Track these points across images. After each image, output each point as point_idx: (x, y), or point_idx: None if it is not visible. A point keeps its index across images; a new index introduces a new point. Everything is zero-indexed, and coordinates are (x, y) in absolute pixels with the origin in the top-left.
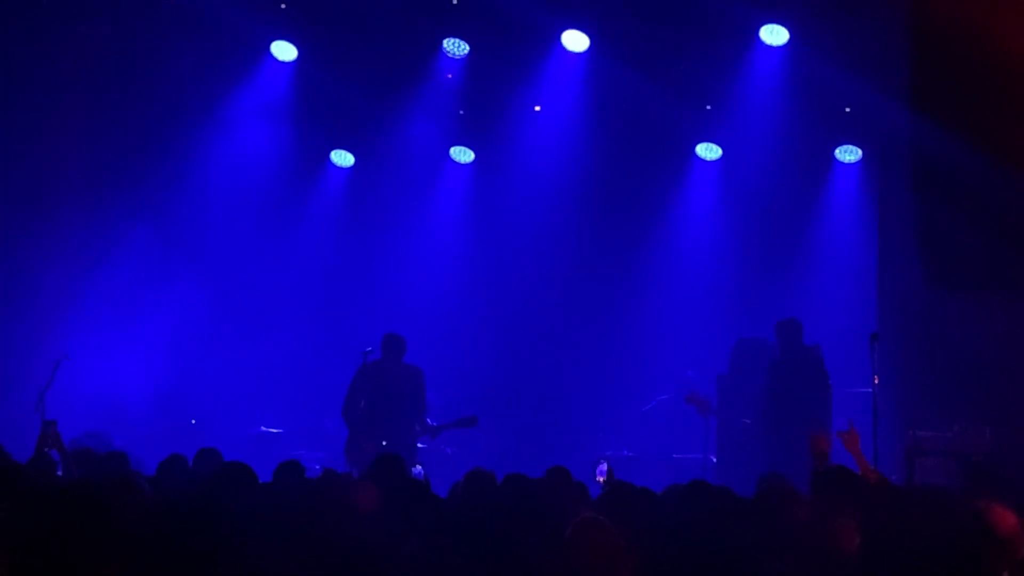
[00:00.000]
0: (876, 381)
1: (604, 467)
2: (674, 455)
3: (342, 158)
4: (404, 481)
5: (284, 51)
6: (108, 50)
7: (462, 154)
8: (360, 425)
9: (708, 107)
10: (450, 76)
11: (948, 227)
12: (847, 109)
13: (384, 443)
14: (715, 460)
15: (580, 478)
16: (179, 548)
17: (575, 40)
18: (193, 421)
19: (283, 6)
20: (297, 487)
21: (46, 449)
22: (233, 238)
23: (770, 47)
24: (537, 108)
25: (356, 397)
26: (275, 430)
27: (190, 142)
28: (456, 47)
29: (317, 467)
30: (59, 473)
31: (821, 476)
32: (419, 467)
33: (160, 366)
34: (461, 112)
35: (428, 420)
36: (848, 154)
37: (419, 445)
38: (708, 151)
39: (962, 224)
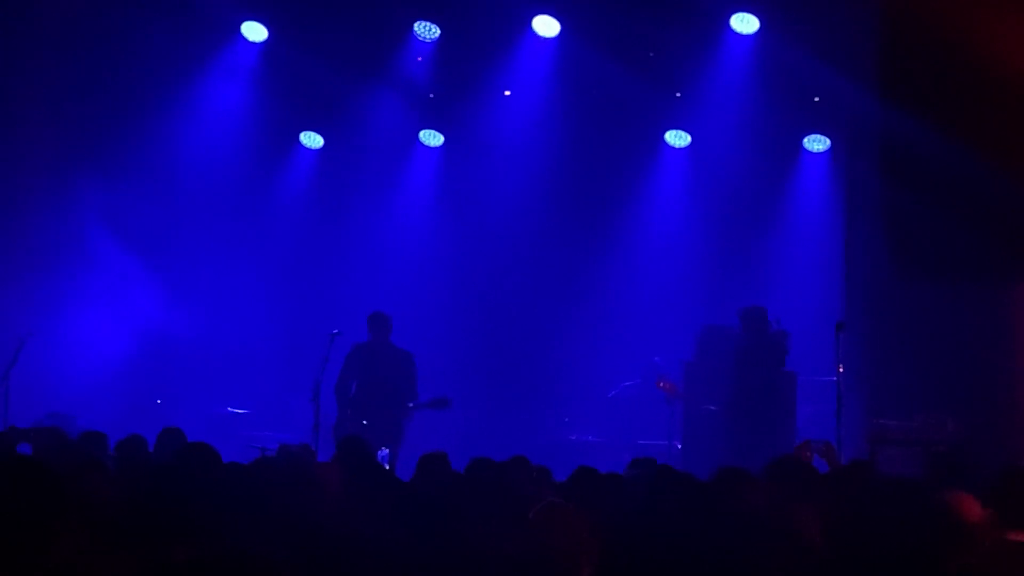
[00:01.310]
0: (841, 370)
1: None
2: (639, 441)
3: (311, 140)
4: (367, 464)
5: (255, 32)
6: (77, 28)
7: (431, 137)
8: (350, 406)
9: (678, 94)
10: (420, 59)
11: (915, 217)
12: (816, 99)
13: (364, 422)
14: (680, 447)
15: (544, 463)
16: (140, 528)
17: (546, 25)
18: (159, 401)
19: None
20: (260, 468)
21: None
22: (202, 218)
23: (741, 35)
24: (507, 93)
25: (348, 378)
26: (241, 411)
27: (159, 122)
28: (427, 30)
29: None
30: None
31: (776, 465)
32: (384, 450)
33: (127, 345)
34: (431, 95)
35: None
36: (816, 143)
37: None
38: (678, 138)
39: (929, 214)
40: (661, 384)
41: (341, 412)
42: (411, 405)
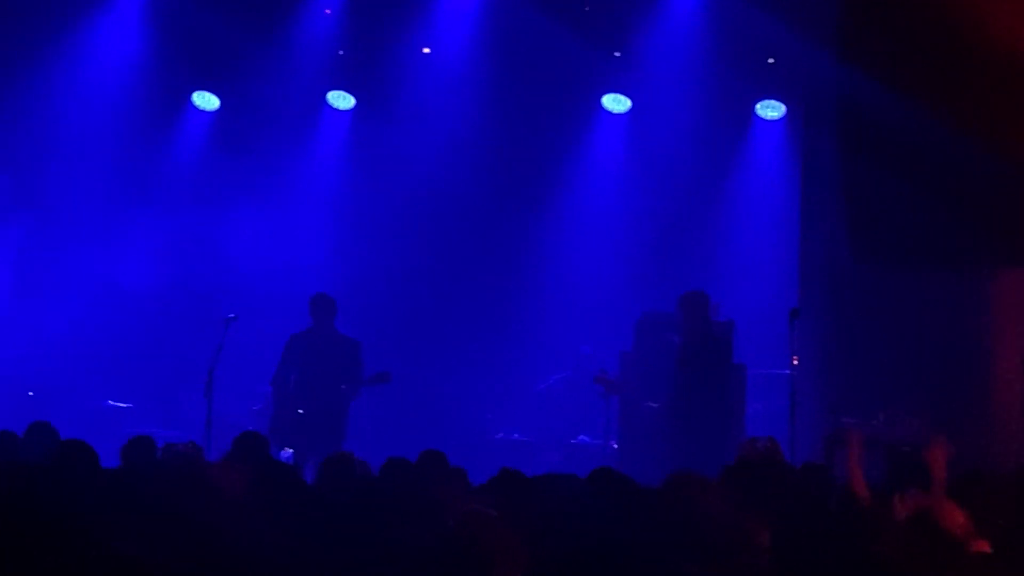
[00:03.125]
0: (795, 362)
1: None
2: (571, 440)
3: (205, 100)
4: (266, 464)
5: None
6: None
7: (341, 99)
8: (288, 401)
9: (617, 54)
10: (328, 11)
11: (878, 193)
12: (770, 60)
13: (300, 411)
14: (616, 447)
15: (464, 464)
16: (4, 537)
17: None
18: (31, 393)
19: None
20: (147, 468)
21: None
22: (80, 190)
23: None
24: (426, 50)
25: (287, 371)
26: (123, 405)
27: (29, 79)
28: None
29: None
30: None
31: (732, 467)
32: (288, 451)
33: None
34: (340, 52)
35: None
36: (770, 110)
37: None
38: (616, 103)
39: (894, 190)
40: (599, 380)
41: (277, 410)
42: (344, 387)
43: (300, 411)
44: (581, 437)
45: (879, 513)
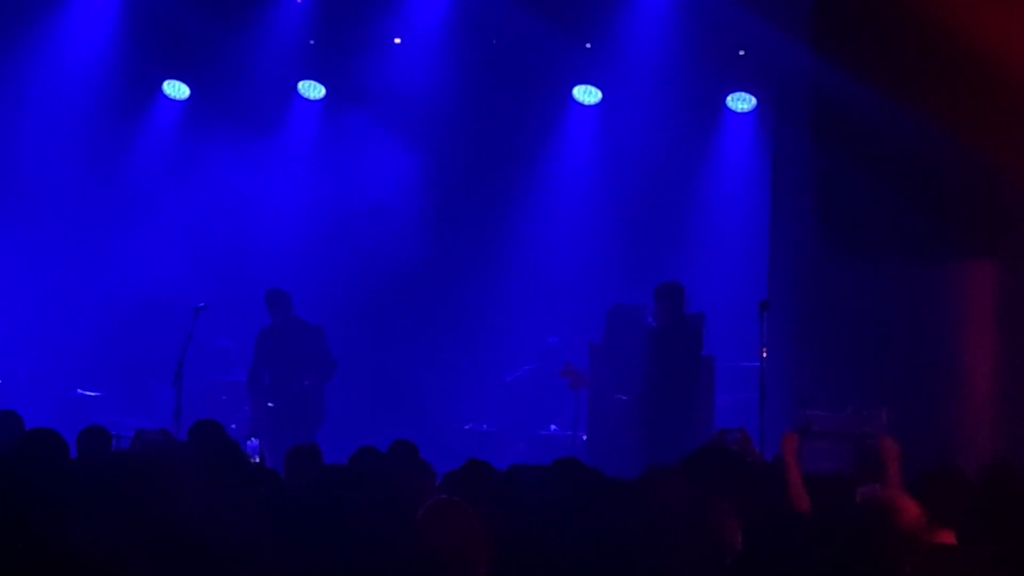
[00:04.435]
0: (765, 354)
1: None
2: (539, 432)
3: (176, 89)
4: (225, 453)
5: None
6: None
7: (312, 89)
8: (263, 396)
9: (588, 45)
10: (299, 0)
11: (849, 186)
12: (741, 52)
13: (270, 404)
14: (585, 438)
15: (433, 455)
16: None
17: None
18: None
19: None
20: (113, 457)
21: None
22: (49, 177)
23: None
24: (397, 40)
25: (260, 367)
26: (93, 393)
27: (1, 68)
28: None
29: None
30: None
31: (694, 458)
32: (254, 440)
33: None
34: (312, 42)
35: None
36: (741, 102)
37: None
38: (587, 94)
39: (864, 183)
40: (565, 373)
41: (254, 405)
42: (307, 383)
43: (270, 404)
44: (550, 428)
45: (847, 506)
